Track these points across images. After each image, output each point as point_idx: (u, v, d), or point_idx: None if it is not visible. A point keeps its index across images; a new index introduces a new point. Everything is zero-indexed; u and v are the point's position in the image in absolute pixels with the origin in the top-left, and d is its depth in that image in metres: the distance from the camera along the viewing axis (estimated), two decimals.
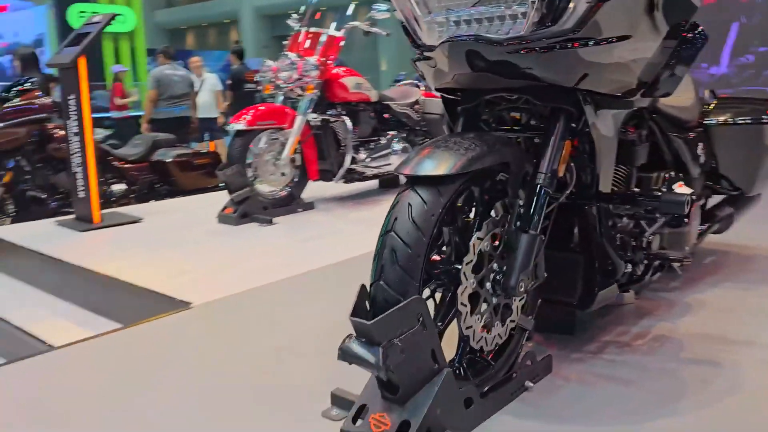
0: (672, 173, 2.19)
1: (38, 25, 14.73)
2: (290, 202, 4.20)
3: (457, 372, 1.57)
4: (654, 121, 2.16)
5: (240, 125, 3.93)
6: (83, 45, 3.68)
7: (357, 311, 1.36)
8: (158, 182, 5.76)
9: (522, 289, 1.53)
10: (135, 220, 4.09)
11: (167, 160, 5.69)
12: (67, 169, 4.09)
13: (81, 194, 3.93)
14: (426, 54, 1.64)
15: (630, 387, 1.74)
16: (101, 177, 5.41)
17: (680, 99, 2.33)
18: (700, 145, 2.36)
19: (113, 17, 3.99)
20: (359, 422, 1.43)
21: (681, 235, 2.12)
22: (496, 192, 1.58)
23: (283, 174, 4.13)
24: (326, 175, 4.38)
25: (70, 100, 3.79)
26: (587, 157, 1.71)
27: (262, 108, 4.14)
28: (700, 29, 1.66)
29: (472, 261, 1.47)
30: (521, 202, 1.56)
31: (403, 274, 1.36)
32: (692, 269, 2.76)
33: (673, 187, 2.15)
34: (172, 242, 3.55)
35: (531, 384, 1.71)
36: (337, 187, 4.69)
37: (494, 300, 1.55)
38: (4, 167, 4.94)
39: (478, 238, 1.49)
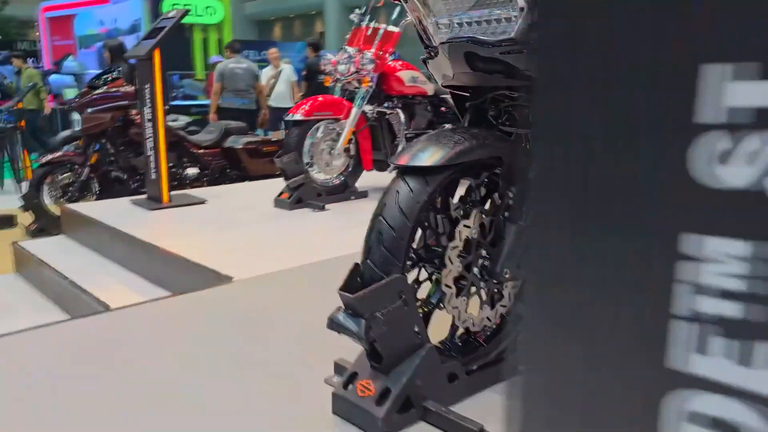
0: None
1: (135, 13, 15.63)
2: (344, 190, 4.39)
3: (446, 349, 1.69)
4: None
5: (297, 116, 4.15)
6: (158, 38, 3.99)
7: (346, 286, 1.51)
8: (229, 167, 6.10)
9: (507, 276, 1.63)
10: (200, 202, 4.39)
11: (237, 147, 6.02)
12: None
13: (153, 176, 4.27)
14: (432, 54, 1.76)
15: None
16: (177, 161, 5.82)
17: None
18: None
19: (186, 12, 4.29)
20: (350, 387, 1.59)
21: None
22: (493, 184, 1.69)
23: (337, 163, 4.32)
24: (380, 166, 4.54)
25: (145, 89, 4.12)
26: None
27: (320, 99, 4.34)
28: None
29: (457, 247, 1.59)
30: (511, 195, 1.66)
31: (387, 254, 1.49)
32: None
33: None
34: (229, 222, 3.82)
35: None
36: (391, 178, 4.83)
37: (482, 285, 1.66)
38: (92, 149, 5.39)
39: (465, 226, 1.60)
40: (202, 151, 5.97)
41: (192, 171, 5.91)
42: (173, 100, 14.57)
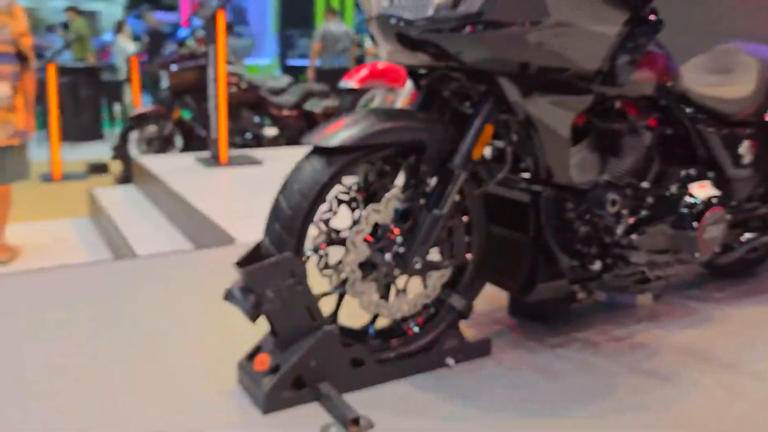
0: (692, 171, 1.99)
1: None
2: None
3: (362, 334, 1.66)
4: (682, 112, 1.97)
5: (351, 83, 4.15)
6: (221, 0, 4.12)
7: (244, 260, 1.52)
8: (306, 130, 6.24)
9: (418, 266, 1.57)
10: (256, 162, 4.54)
11: (316, 111, 6.13)
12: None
13: (213, 135, 4.46)
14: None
15: (555, 381, 1.69)
16: (258, 121, 6.03)
17: (727, 89, 2.08)
18: (746, 143, 2.08)
19: None
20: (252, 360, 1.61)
21: (687, 238, 1.94)
22: (415, 169, 1.61)
23: None
24: None
25: (210, 48, 4.29)
26: (535, 145, 1.64)
27: (379, 67, 4.31)
28: (658, 17, 1.51)
29: (363, 231, 1.54)
30: (431, 181, 1.58)
31: (281, 232, 1.48)
32: (756, 282, 2.46)
33: (690, 186, 1.97)
34: (268, 186, 3.92)
35: (452, 362, 1.74)
36: None
37: (397, 272, 1.60)
38: (175, 105, 5.70)
39: (374, 210, 1.55)
40: (282, 112, 6.14)
41: (271, 132, 6.10)
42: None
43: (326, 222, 1.60)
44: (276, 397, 1.50)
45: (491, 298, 2.16)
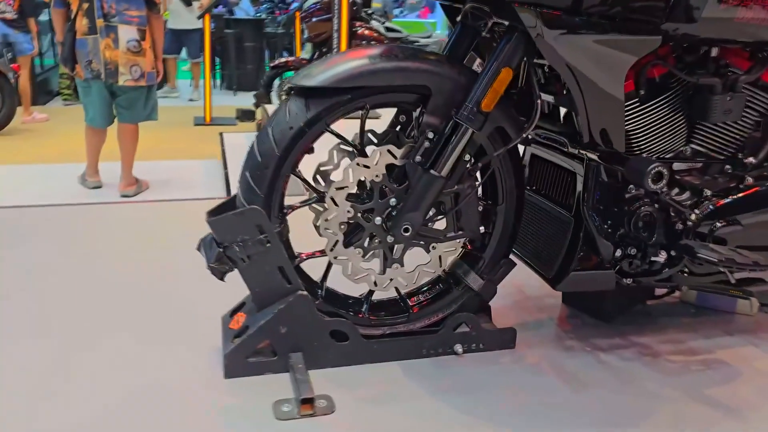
0: None
1: None
2: None
3: (354, 305, 1.47)
4: None
5: None
6: None
7: (216, 209, 1.39)
8: None
9: (408, 234, 1.33)
10: (375, 117, 4.41)
11: None
12: None
13: None
14: None
15: (580, 392, 1.38)
16: None
17: None
18: None
19: None
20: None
21: None
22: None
23: None
24: None
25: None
26: (575, 100, 1.31)
27: None
28: None
29: (345, 188, 1.33)
30: (431, 135, 1.32)
31: (249, 182, 1.32)
32: None
33: None
34: None
35: (460, 349, 1.49)
36: None
37: (389, 238, 1.38)
38: (315, 56, 5.72)
39: (360, 165, 1.33)
40: None
41: None
42: None
43: (323, 175, 1.42)
44: (238, 362, 1.37)
45: None
